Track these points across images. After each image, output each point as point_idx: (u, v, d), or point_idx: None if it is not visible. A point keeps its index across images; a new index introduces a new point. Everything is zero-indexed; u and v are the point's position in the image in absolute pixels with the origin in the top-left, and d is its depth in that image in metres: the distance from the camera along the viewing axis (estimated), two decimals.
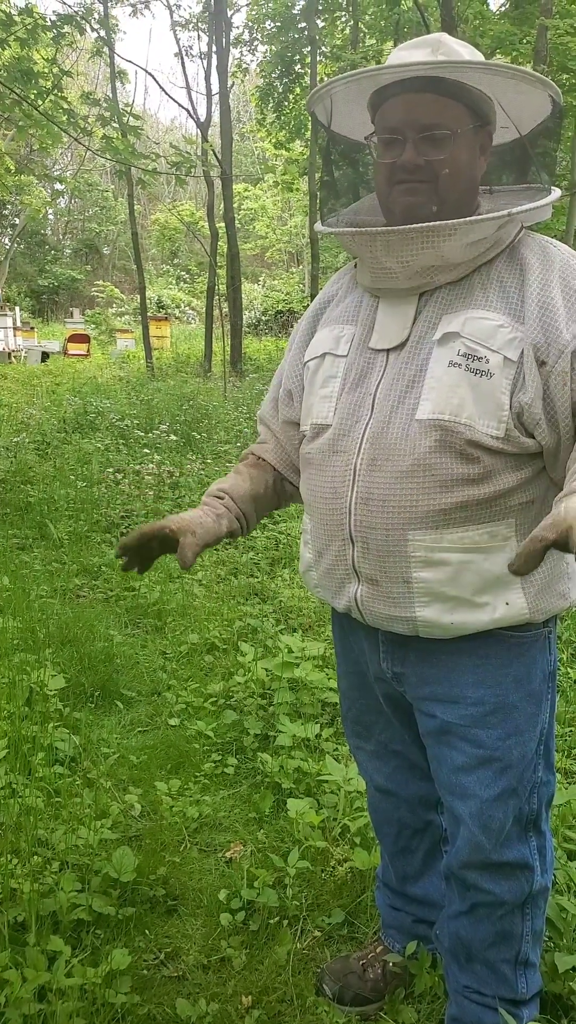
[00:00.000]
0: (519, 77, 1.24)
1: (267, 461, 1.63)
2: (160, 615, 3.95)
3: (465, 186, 1.33)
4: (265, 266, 33.98)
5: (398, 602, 1.33)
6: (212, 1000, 1.75)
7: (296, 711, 2.92)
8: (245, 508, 1.56)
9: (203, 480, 6.12)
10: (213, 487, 1.57)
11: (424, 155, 1.28)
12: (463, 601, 1.30)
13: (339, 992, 1.75)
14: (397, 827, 1.72)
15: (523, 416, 1.26)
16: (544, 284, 1.27)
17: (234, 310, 14.32)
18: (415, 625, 1.34)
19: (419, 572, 1.30)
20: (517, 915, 1.48)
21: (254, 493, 1.57)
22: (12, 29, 6.74)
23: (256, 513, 1.59)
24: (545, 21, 11.09)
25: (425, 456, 1.27)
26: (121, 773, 2.61)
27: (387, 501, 1.30)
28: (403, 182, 1.30)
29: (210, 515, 1.48)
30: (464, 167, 1.31)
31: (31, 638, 3.52)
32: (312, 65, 15.89)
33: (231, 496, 1.54)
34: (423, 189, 1.29)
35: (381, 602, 1.36)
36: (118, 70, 13.32)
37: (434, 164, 1.28)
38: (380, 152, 1.33)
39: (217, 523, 1.48)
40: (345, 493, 1.35)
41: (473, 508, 1.28)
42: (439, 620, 1.32)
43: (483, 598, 1.30)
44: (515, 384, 1.25)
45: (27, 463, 6.62)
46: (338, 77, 1.31)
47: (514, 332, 1.25)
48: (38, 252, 35.25)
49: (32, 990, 1.65)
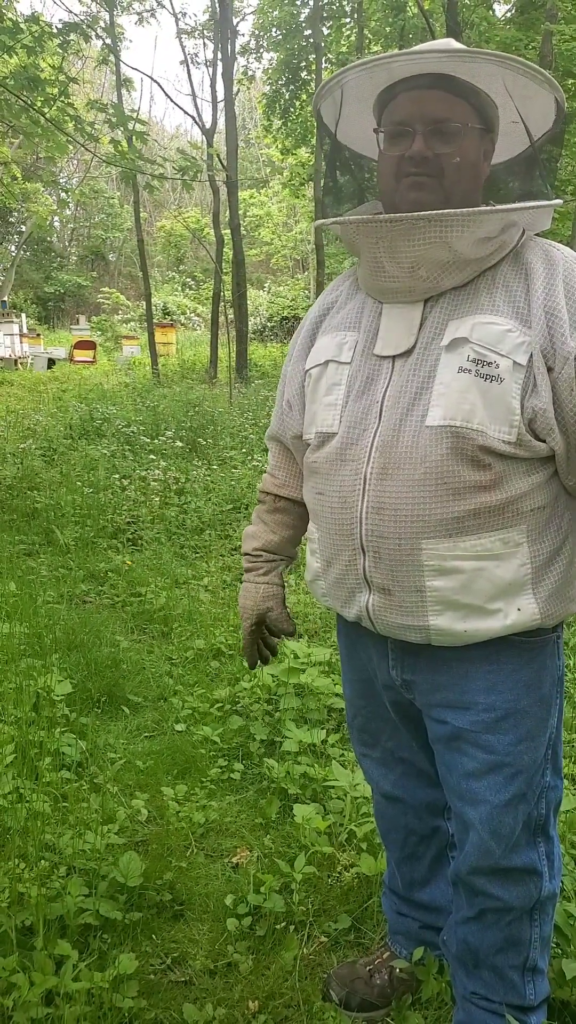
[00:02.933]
0: (529, 74, 1.24)
1: (283, 497, 1.65)
2: (166, 621, 3.96)
3: (471, 184, 1.32)
4: (270, 272, 34.03)
5: (411, 611, 1.33)
6: (219, 1005, 1.75)
7: (302, 717, 2.92)
8: (285, 552, 1.68)
9: (208, 486, 6.13)
10: (247, 545, 1.69)
11: (433, 148, 1.27)
12: (476, 608, 1.30)
13: (346, 998, 1.74)
14: (404, 833, 1.72)
15: (536, 422, 1.25)
16: (549, 289, 1.26)
17: (239, 316, 14.35)
18: (428, 634, 1.33)
19: (432, 581, 1.30)
20: (525, 921, 1.48)
21: (283, 538, 1.67)
22: (18, 37, 6.77)
23: (296, 545, 1.70)
24: (550, 26, 11.12)
25: (438, 464, 1.26)
26: (128, 778, 2.61)
27: (399, 510, 1.29)
28: (410, 175, 1.29)
29: (262, 580, 1.65)
30: (471, 164, 1.30)
31: (38, 643, 3.53)
32: (317, 72, 15.95)
33: (267, 551, 1.66)
34: (430, 184, 1.28)
35: (393, 612, 1.35)
36: (124, 78, 13.39)
37: (442, 158, 1.28)
38: (387, 145, 1.32)
39: (271, 579, 1.65)
40: (355, 503, 1.34)
41: (485, 515, 1.27)
42: (452, 628, 1.31)
43: (496, 605, 1.30)
44: (525, 388, 1.24)
45: (34, 469, 6.65)
46: (350, 66, 1.30)
47: (522, 336, 1.25)
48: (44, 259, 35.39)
49: (40, 994, 1.65)
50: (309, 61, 16.86)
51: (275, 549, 1.66)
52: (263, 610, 1.64)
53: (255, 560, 1.66)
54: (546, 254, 1.31)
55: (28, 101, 6.74)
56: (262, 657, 1.71)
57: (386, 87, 1.33)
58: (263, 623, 1.66)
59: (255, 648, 1.69)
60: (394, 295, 1.35)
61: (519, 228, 1.33)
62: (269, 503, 1.67)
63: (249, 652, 1.69)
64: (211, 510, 5.66)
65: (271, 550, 1.66)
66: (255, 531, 1.68)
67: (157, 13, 13.90)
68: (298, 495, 1.62)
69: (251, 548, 1.67)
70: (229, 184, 13.79)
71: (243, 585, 1.68)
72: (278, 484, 1.66)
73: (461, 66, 1.26)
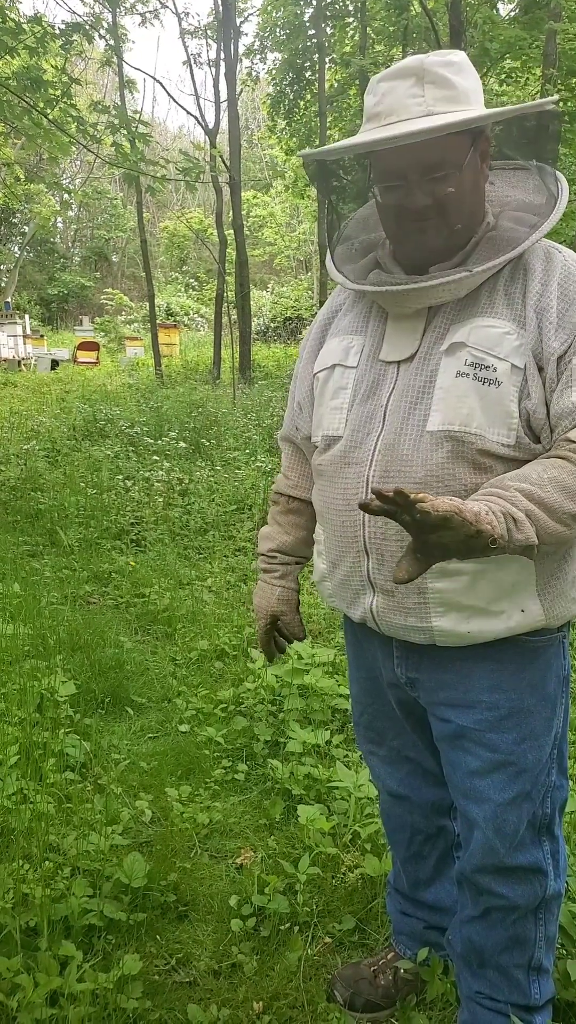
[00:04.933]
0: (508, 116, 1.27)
1: (296, 498, 1.66)
2: (170, 622, 3.96)
3: (472, 208, 1.33)
4: (274, 273, 34.04)
5: (414, 612, 1.33)
6: (223, 1006, 1.75)
7: (306, 717, 2.92)
8: (300, 553, 1.68)
9: (212, 487, 6.13)
10: (262, 546, 1.70)
11: (429, 192, 1.27)
12: (479, 610, 1.30)
13: (350, 998, 1.74)
14: (410, 832, 1.72)
15: (531, 422, 1.26)
16: (543, 290, 1.27)
17: (243, 317, 14.33)
18: (432, 635, 1.34)
19: (435, 583, 1.30)
20: (530, 920, 1.48)
21: (296, 539, 1.68)
22: (21, 38, 6.78)
23: (310, 546, 1.68)
24: (555, 25, 11.11)
25: (438, 468, 1.27)
26: (131, 779, 2.61)
27: None
28: (411, 222, 1.30)
29: (277, 584, 1.67)
30: (470, 192, 1.30)
31: (42, 644, 3.53)
32: (320, 72, 15.94)
33: (282, 552, 1.67)
34: (432, 224, 1.29)
35: (397, 613, 1.35)
36: (127, 79, 13.38)
37: (441, 200, 1.28)
38: (384, 196, 1.32)
39: (286, 584, 1.67)
40: None
41: None
42: (456, 629, 1.31)
43: (499, 606, 1.30)
44: (522, 391, 1.25)
45: (37, 470, 6.65)
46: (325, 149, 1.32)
47: (520, 339, 1.25)
48: (47, 260, 35.43)
49: (44, 995, 1.65)
50: (313, 61, 16.85)
51: (289, 550, 1.67)
52: (277, 612, 1.66)
53: (271, 561, 1.68)
54: (547, 256, 1.31)
55: (31, 103, 6.74)
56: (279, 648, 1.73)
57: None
58: (276, 624, 1.68)
59: (271, 645, 1.71)
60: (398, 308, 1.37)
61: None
62: (283, 504, 1.69)
63: (266, 649, 1.72)
64: (215, 511, 5.66)
65: (286, 551, 1.67)
66: (270, 532, 1.70)
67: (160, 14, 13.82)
68: (310, 496, 1.62)
69: (266, 549, 1.69)
70: (232, 184, 13.78)
71: (259, 584, 1.70)
72: (291, 485, 1.67)
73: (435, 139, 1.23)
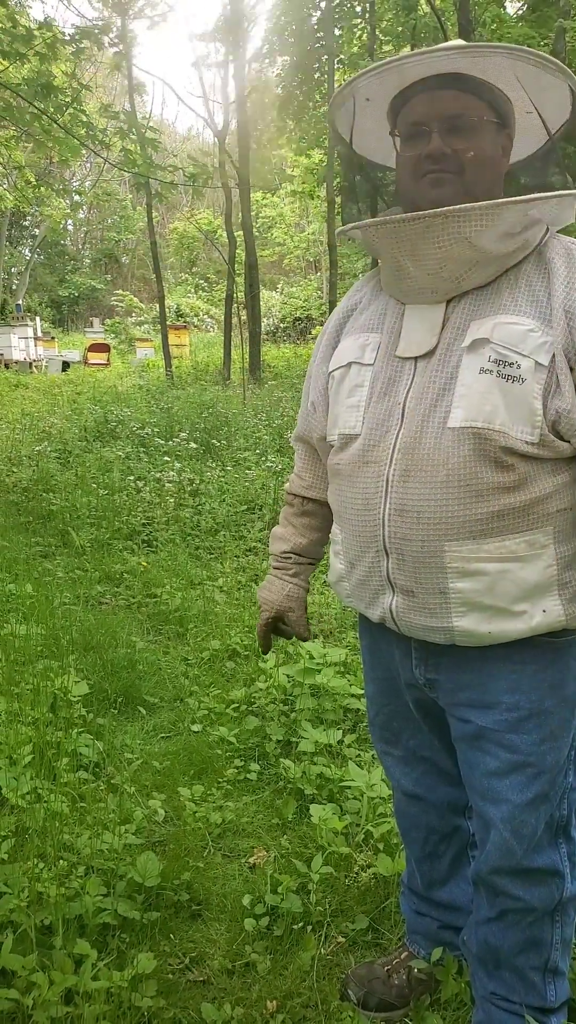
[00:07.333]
0: (540, 64, 1.22)
1: (310, 499, 1.66)
2: (182, 622, 3.97)
3: (491, 179, 1.31)
4: (283, 273, 34.04)
5: (435, 613, 1.32)
6: (237, 1005, 1.75)
7: (318, 717, 2.92)
8: (313, 555, 1.69)
9: (223, 487, 6.13)
10: (276, 547, 1.70)
11: (450, 144, 1.27)
12: (500, 610, 1.29)
13: (364, 998, 1.74)
14: (425, 832, 1.71)
15: (560, 423, 1.24)
16: (569, 287, 1.25)
17: (252, 317, 14.34)
18: (452, 635, 1.33)
19: (456, 583, 1.29)
20: (547, 922, 1.47)
21: (311, 541, 1.68)
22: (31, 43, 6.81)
23: (324, 547, 1.69)
24: (564, 23, 11.05)
25: (460, 466, 1.25)
26: (144, 779, 2.62)
27: (422, 513, 1.28)
28: (429, 173, 1.28)
29: (289, 581, 1.66)
30: (489, 158, 1.30)
31: (55, 645, 3.54)
32: (329, 73, 15.92)
33: (295, 553, 1.67)
34: (449, 179, 1.27)
35: (417, 613, 1.34)
36: (136, 83, 13.42)
37: (460, 153, 1.27)
38: (404, 146, 1.32)
39: (298, 582, 1.67)
40: (377, 504, 1.34)
41: (510, 517, 1.26)
42: (476, 630, 1.30)
43: (520, 606, 1.29)
44: (547, 389, 1.23)
45: (49, 472, 6.68)
46: (360, 72, 1.30)
47: (544, 336, 1.23)
48: (58, 263, 35.59)
49: (59, 993, 1.66)
50: (322, 62, 16.84)
51: (303, 552, 1.67)
52: (284, 609, 1.66)
53: (284, 562, 1.68)
54: (568, 252, 1.30)
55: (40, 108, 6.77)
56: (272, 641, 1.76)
57: (398, 92, 1.33)
58: (280, 620, 1.68)
59: (269, 638, 1.72)
60: (416, 296, 1.35)
61: (543, 226, 1.31)
62: (297, 505, 1.68)
63: (264, 641, 1.73)
64: (225, 511, 5.66)
65: (299, 552, 1.67)
66: (283, 533, 1.69)
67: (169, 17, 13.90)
68: (325, 497, 1.61)
69: (279, 551, 1.68)
70: (241, 186, 13.80)
71: (268, 578, 1.69)
72: (305, 486, 1.66)
73: (471, 62, 1.25)
